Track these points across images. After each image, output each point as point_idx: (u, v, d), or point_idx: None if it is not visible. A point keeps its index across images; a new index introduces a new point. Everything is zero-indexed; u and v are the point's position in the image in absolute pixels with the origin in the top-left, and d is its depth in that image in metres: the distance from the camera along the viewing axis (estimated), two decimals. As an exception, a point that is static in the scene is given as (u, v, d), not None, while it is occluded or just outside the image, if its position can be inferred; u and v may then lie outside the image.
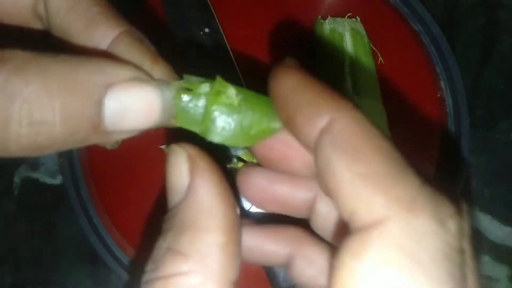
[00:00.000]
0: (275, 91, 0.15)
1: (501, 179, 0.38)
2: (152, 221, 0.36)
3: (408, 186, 0.11)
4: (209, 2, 0.36)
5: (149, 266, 0.14)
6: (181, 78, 0.16)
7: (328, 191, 0.13)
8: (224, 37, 0.36)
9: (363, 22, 0.37)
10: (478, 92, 0.40)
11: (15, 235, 0.39)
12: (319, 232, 0.18)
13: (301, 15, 0.38)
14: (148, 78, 0.15)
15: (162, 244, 0.14)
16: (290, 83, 0.14)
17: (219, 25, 0.36)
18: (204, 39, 0.35)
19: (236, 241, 0.14)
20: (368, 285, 0.10)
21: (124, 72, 0.14)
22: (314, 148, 0.13)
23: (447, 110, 0.38)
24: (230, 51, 0.36)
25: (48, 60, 0.13)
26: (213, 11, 0.36)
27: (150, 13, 0.37)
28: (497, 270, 0.37)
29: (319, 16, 0.36)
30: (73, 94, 0.13)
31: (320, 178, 0.13)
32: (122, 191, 0.36)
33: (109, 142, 0.15)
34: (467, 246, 0.12)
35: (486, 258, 0.37)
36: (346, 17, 0.36)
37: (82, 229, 0.36)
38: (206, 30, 0.36)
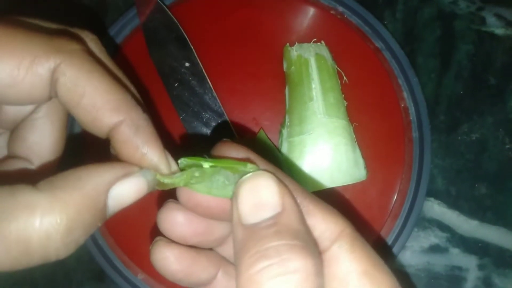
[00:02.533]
0: None
1: (465, 177, 0.42)
2: (152, 239, 0.40)
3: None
4: (188, 40, 0.40)
5: (268, 262, 0.16)
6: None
7: None
8: (203, 69, 0.40)
9: (328, 44, 0.40)
10: (440, 99, 0.44)
11: (29, 260, 0.43)
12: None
13: (272, 43, 0.42)
14: (135, 169, 0.20)
15: (273, 242, 0.17)
16: None
17: (197, 59, 0.40)
18: (185, 73, 0.39)
19: None
20: None
21: (116, 173, 0.19)
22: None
23: (411, 118, 0.41)
24: (209, 81, 0.40)
25: (67, 190, 0.17)
26: (191, 46, 0.40)
27: (136, 52, 0.41)
28: (466, 261, 0.41)
29: (287, 43, 0.40)
30: (86, 209, 0.18)
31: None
32: (122, 214, 0.40)
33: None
34: None
35: (456, 251, 0.41)
36: (312, 42, 0.40)
37: (89, 251, 0.40)
38: (187, 64, 0.40)
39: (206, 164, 0.20)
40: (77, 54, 0.19)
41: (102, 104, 0.19)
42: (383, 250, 0.39)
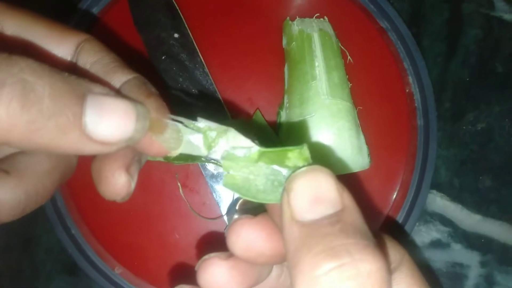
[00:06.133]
0: None
1: (469, 169, 0.40)
2: (133, 228, 0.36)
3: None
4: (177, 8, 0.36)
5: (338, 262, 0.14)
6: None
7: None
8: (194, 42, 0.36)
9: (331, 21, 0.37)
10: (446, 85, 0.41)
11: (-8, 249, 0.38)
12: None
13: (270, 16, 0.38)
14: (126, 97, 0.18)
15: (341, 240, 0.15)
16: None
17: (188, 29, 0.36)
18: (174, 44, 0.35)
19: None
20: None
21: (106, 89, 0.17)
22: None
23: (416, 104, 0.39)
24: (201, 55, 0.36)
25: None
26: (181, 16, 0.36)
27: (119, 20, 0.37)
28: (468, 257, 0.39)
29: (288, 17, 0.37)
30: (62, 83, 0.16)
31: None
32: (99, 200, 0.36)
33: (90, 151, 0.17)
34: None
35: (458, 246, 0.39)
36: (314, 17, 0.37)
37: (60, 241, 0.36)
38: (176, 35, 0.36)
39: (256, 154, 0.17)
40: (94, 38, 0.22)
41: (116, 64, 0.21)
42: (383, 244, 0.36)
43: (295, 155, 0.17)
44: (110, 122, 0.17)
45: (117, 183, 0.20)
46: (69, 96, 0.16)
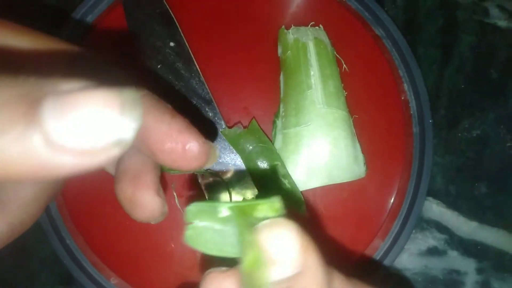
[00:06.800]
0: None
1: (465, 176, 0.40)
2: (128, 238, 0.36)
3: None
4: (173, 16, 0.36)
5: None
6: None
7: None
8: (190, 51, 0.36)
9: (326, 29, 0.37)
10: (441, 92, 0.41)
11: (-15, 260, 0.38)
12: None
13: (266, 25, 0.38)
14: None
15: None
16: None
17: (184, 38, 0.36)
18: (170, 53, 0.35)
19: None
20: None
21: (73, 83, 0.12)
22: None
23: (411, 112, 0.39)
24: (197, 64, 0.36)
25: None
26: (177, 24, 0.36)
27: (114, 29, 0.37)
28: (465, 264, 0.39)
29: (283, 26, 0.37)
30: (7, 88, 0.11)
31: None
32: (94, 210, 0.36)
33: (71, 169, 0.12)
34: None
35: (454, 253, 0.39)
36: (309, 26, 0.37)
37: (54, 251, 0.35)
38: (171, 44, 0.35)
39: (225, 209, 0.16)
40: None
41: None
42: (380, 253, 0.36)
43: (266, 207, 0.16)
44: (79, 120, 0.11)
45: (153, 208, 0.19)
46: (17, 104, 0.11)
